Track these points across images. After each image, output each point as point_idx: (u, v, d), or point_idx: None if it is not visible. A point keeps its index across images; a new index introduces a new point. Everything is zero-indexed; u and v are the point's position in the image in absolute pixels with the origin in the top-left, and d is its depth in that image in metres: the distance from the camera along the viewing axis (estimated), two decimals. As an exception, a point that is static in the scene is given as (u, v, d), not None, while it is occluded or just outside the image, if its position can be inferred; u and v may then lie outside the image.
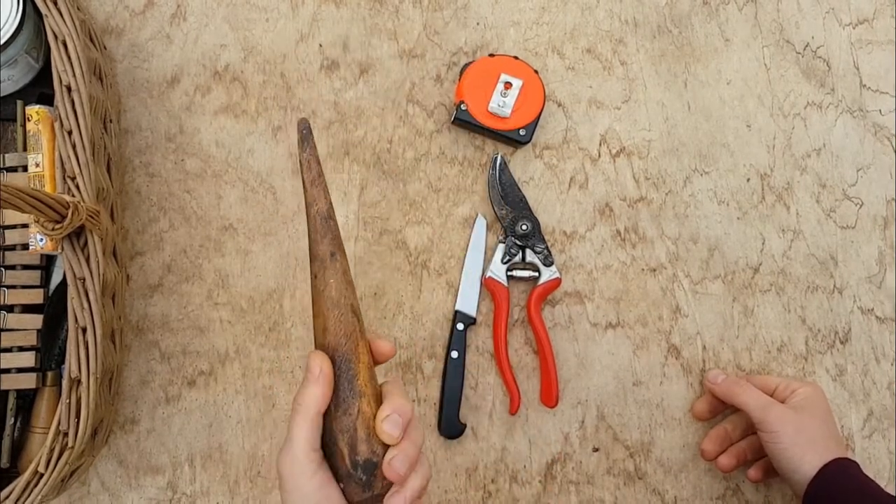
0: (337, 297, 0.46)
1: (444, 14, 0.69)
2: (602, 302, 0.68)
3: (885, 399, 0.69)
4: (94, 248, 0.52)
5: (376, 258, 0.66)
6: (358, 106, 0.67)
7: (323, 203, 0.47)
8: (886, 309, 0.69)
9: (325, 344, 0.46)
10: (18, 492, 0.50)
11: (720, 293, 0.69)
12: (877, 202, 0.70)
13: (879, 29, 0.72)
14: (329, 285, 0.46)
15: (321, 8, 0.68)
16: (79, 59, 0.52)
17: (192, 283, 0.65)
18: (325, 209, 0.47)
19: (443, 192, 0.67)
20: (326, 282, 0.46)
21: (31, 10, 0.55)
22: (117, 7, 0.66)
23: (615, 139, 0.69)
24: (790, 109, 0.71)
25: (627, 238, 0.68)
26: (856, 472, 0.57)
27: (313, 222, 0.47)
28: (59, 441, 0.51)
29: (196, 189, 0.66)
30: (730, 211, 0.69)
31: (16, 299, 0.58)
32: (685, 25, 0.71)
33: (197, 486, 0.64)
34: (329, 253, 0.46)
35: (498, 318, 0.65)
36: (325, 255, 0.46)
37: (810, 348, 0.69)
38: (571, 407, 0.67)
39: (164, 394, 0.64)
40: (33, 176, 0.56)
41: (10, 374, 0.57)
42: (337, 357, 0.45)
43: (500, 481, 0.66)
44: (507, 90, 0.65)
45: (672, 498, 0.66)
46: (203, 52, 0.67)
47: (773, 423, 0.59)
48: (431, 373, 0.66)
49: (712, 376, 0.65)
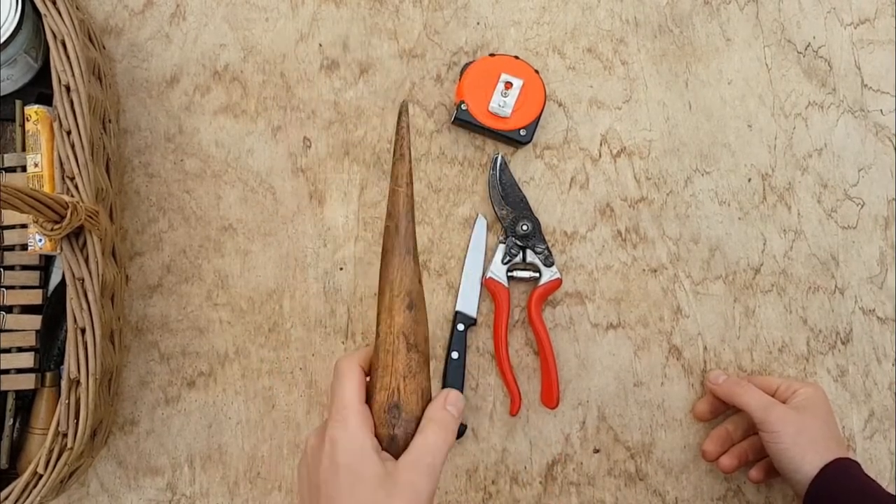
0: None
1: (445, 14, 0.69)
2: (603, 302, 0.67)
3: (886, 400, 0.69)
4: (93, 248, 0.51)
5: (376, 258, 0.66)
6: (358, 106, 0.67)
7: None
8: (888, 309, 0.69)
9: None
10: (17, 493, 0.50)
11: (721, 294, 0.68)
12: (878, 202, 0.70)
13: (881, 29, 0.72)
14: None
15: (321, 7, 0.68)
16: (78, 58, 0.52)
17: (192, 284, 0.65)
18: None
19: (443, 193, 0.67)
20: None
21: (30, 9, 0.55)
22: (116, 7, 0.66)
23: (616, 139, 0.69)
24: (791, 109, 0.71)
25: (628, 238, 0.68)
26: (857, 471, 0.57)
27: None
28: (58, 442, 0.50)
29: (195, 189, 0.65)
30: (731, 211, 0.69)
31: (15, 300, 0.58)
32: (686, 25, 0.71)
33: (196, 487, 0.63)
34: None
35: (498, 318, 0.65)
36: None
37: (811, 349, 0.69)
38: (572, 408, 0.66)
39: (164, 395, 0.64)
40: (32, 176, 0.56)
41: (9, 374, 0.57)
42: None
43: (500, 482, 0.65)
44: (508, 90, 0.64)
45: (673, 499, 0.66)
46: (202, 52, 0.67)
47: (774, 423, 0.59)
48: (432, 373, 0.65)
49: (713, 377, 0.65)
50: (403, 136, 0.47)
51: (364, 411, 0.44)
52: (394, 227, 0.47)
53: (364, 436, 0.43)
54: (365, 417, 0.44)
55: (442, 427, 0.44)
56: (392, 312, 0.46)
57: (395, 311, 0.46)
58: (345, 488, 0.41)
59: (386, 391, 0.45)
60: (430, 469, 0.43)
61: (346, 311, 0.65)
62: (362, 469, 0.42)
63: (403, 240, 0.47)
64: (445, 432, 0.44)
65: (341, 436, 0.43)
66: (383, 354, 0.46)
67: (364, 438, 0.43)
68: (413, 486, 0.42)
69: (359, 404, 0.44)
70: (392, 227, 0.47)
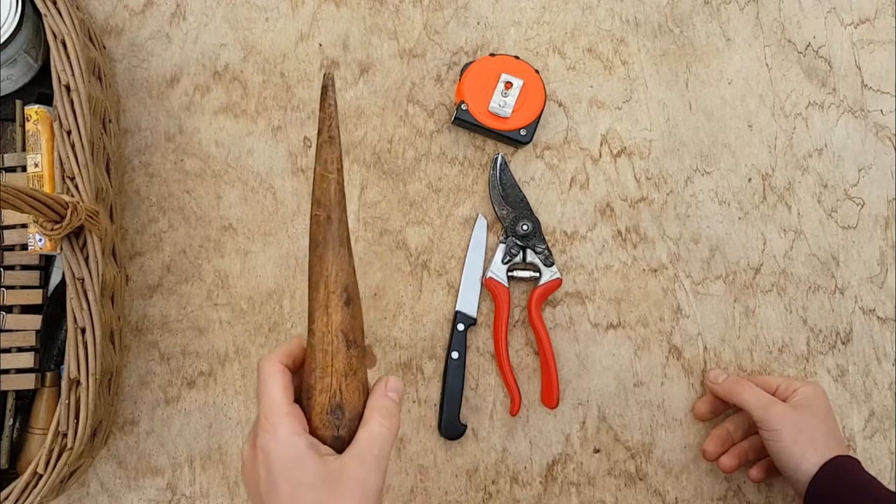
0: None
1: (445, 13, 0.69)
2: (603, 302, 0.67)
3: (886, 400, 0.69)
4: (93, 248, 0.51)
5: (376, 258, 0.66)
6: (358, 106, 0.67)
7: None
8: (888, 309, 0.69)
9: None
10: (17, 493, 0.50)
11: (721, 293, 0.68)
12: (878, 202, 0.70)
13: (881, 28, 0.72)
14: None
15: (321, 7, 0.68)
16: (78, 58, 0.52)
17: (192, 284, 0.65)
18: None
19: (443, 193, 0.67)
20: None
21: (30, 9, 0.55)
22: (116, 6, 0.66)
23: (616, 139, 0.69)
24: (791, 109, 0.71)
25: (628, 238, 0.68)
26: (857, 469, 0.57)
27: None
28: (58, 442, 0.50)
29: (195, 189, 0.65)
30: (731, 211, 0.69)
31: (15, 300, 0.58)
32: (686, 25, 0.71)
33: (196, 487, 0.63)
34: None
35: (498, 318, 0.65)
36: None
37: (811, 349, 0.69)
38: (572, 408, 0.66)
39: (164, 395, 0.64)
40: (32, 176, 0.56)
41: (9, 374, 0.57)
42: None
43: (500, 482, 0.65)
44: (508, 90, 0.64)
45: (673, 499, 0.66)
46: (203, 52, 0.67)
47: (774, 421, 0.59)
48: (432, 373, 0.66)
49: (713, 376, 0.65)
50: (331, 116, 0.43)
51: (293, 412, 0.42)
52: (325, 217, 0.43)
53: (296, 440, 0.41)
54: (294, 419, 0.42)
55: (386, 416, 0.43)
56: (329, 310, 0.43)
57: (333, 308, 0.43)
58: (286, 498, 0.40)
59: (327, 393, 0.43)
60: (376, 461, 0.41)
61: (347, 311, 0.65)
62: (301, 475, 0.40)
63: (336, 230, 0.43)
64: (390, 421, 0.43)
65: (272, 445, 0.41)
66: (321, 354, 0.43)
67: (297, 442, 0.41)
68: (360, 481, 0.40)
69: (286, 406, 0.42)
70: (323, 216, 0.43)
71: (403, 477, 0.65)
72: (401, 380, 0.46)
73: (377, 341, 0.65)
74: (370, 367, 0.46)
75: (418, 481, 0.65)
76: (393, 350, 0.65)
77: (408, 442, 0.65)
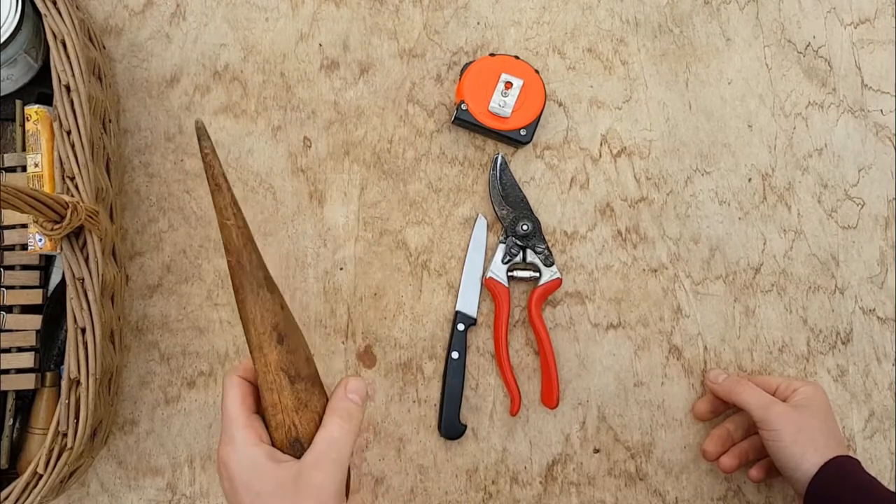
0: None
1: (445, 13, 0.69)
2: (603, 302, 0.67)
3: (886, 400, 0.69)
4: (93, 248, 0.51)
5: (376, 258, 0.66)
6: (358, 106, 0.67)
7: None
8: (888, 309, 0.69)
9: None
10: (17, 493, 0.50)
11: (721, 293, 0.68)
12: (878, 202, 0.70)
13: (881, 28, 0.72)
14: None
15: (321, 7, 0.68)
16: (78, 58, 0.52)
17: (192, 284, 0.65)
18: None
19: (443, 192, 0.67)
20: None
21: (30, 9, 0.55)
22: (116, 6, 0.66)
23: (616, 139, 0.69)
24: (791, 109, 0.71)
25: (628, 238, 0.68)
26: (857, 469, 0.57)
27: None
28: (58, 442, 0.50)
29: (195, 189, 0.65)
30: (731, 211, 0.69)
31: (15, 300, 0.58)
32: (686, 25, 0.71)
33: (196, 487, 0.63)
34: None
35: (498, 318, 0.65)
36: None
37: (812, 349, 0.69)
38: (572, 408, 0.66)
39: (164, 395, 0.64)
40: (32, 176, 0.56)
41: (9, 374, 0.57)
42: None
43: (500, 482, 0.65)
44: (508, 90, 0.64)
45: (673, 499, 0.66)
46: (202, 52, 0.67)
47: (773, 421, 0.59)
48: (432, 373, 0.66)
49: (713, 376, 0.65)
50: (211, 164, 0.43)
51: (250, 422, 0.44)
52: (235, 262, 0.44)
53: (254, 450, 0.43)
54: (251, 431, 0.43)
55: (345, 418, 0.44)
56: (263, 351, 0.44)
57: (266, 348, 0.44)
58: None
59: (282, 429, 0.44)
60: (335, 465, 0.42)
61: (346, 311, 0.65)
62: (259, 484, 0.42)
63: (249, 273, 0.44)
64: (349, 422, 0.44)
65: (231, 456, 0.43)
66: (268, 394, 0.44)
67: (255, 453, 0.43)
68: (318, 485, 0.41)
69: (244, 417, 0.44)
70: (234, 262, 0.44)
71: (403, 477, 0.65)
72: (363, 380, 0.47)
73: (377, 341, 0.65)
74: (368, 367, 0.47)
75: (418, 481, 0.65)
76: (393, 350, 0.65)
77: (408, 442, 0.65)
